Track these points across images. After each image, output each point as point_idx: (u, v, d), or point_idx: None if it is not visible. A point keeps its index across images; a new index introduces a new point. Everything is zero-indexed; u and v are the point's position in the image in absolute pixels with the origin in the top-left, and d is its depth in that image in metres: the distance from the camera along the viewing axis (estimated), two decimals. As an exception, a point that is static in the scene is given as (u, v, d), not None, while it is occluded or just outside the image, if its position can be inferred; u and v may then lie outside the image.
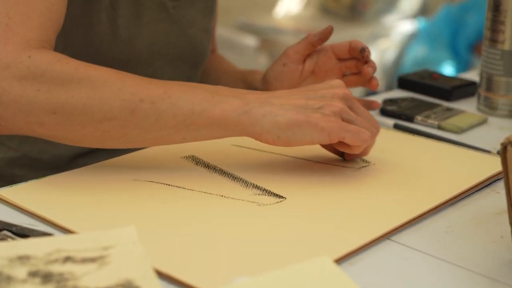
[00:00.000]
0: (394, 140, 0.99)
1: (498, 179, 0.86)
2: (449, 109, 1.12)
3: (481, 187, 0.85)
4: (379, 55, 3.13)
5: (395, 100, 1.14)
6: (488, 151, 0.95)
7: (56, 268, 0.63)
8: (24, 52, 0.79)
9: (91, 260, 0.64)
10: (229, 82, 1.11)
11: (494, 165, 0.87)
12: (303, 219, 0.76)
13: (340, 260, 0.68)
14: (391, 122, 1.06)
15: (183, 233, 0.72)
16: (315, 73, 1.02)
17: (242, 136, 0.81)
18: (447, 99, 1.19)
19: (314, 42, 0.99)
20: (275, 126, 0.79)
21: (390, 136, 1.01)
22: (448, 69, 3.07)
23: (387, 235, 0.73)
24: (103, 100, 0.78)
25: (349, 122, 0.81)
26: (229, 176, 0.84)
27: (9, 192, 0.79)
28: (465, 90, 1.22)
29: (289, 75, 1.00)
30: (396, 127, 1.04)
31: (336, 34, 1.03)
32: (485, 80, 1.13)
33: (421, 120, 1.08)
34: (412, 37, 3.23)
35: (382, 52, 3.19)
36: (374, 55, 1.10)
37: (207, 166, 0.87)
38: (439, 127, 1.06)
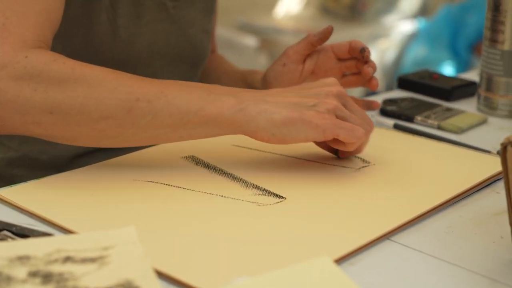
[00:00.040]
0: (394, 140, 0.99)
1: (498, 179, 0.86)
2: (449, 109, 1.12)
3: (481, 187, 0.85)
4: (379, 55, 3.13)
5: (395, 100, 1.14)
6: (488, 151, 0.95)
7: (56, 268, 0.63)
8: (21, 52, 0.79)
9: (91, 260, 0.64)
10: (229, 82, 1.11)
11: (494, 165, 0.87)
12: (303, 219, 0.76)
13: (340, 260, 0.68)
14: (391, 122, 1.06)
15: (183, 233, 0.72)
16: (315, 73, 1.02)
17: (237, 134, 0.81)
18: (447, 99, 1.19)
19: (314, 42, 0.99)
20: (270, 124, 0.79)
21: (390, 136, 1.01)
22: (448, 69, 3.07)
23: (387, 235, 0.73)
24: (99, 99, 0.78)
25: (343, 119, 0.82)
26: (229, 176, 0.84)
27: (9, 192, 0.79)
28: (465, 90, 1.22)
29: (289, 75, 1.00)
30: (396, 127, 1.04)
31: (336, 34, 1.03)
32: (485, 80, 1.13)
33: (421, 120, 1.08)
34: (412, 37, 3.23)
35: (382, 52, 3.19)
36: (374, 55, 1.10)
37: (207, 166, 0.87)
38: (439, 127, 1.06)
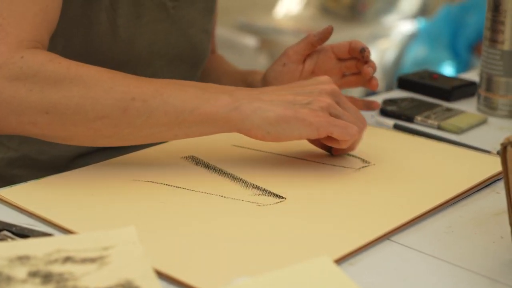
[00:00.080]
0: (394, 140, 0.99)
1: (498, 179, 0.86)
2: (449, 109, 1.12)
3: (481, 187, 0.85)
4: (379, 55, 3.13)
5: (395, 100, 1.14)
6: (488, 151, 0.95)
7: (56, 268, 0.63)
8: (16, 53, 0.79)
9: (91, 260, 0.64)
10: (229, 82, 1.11)
11: (494, 165, 0.87)
12: (303, 219, 0.76)
13: (340, 260, 0.68)
14: (391, 122, 1.06)
15: (183, 233, 0.72)
16: (315, 73, 1.02)
17: (232, 132, 0.82)
18: (447, 99, 1.19)
19: (314, 42, 0.99)
20: (265, 122, 0.80)
21: (390, 136, 1.01)
22: (448, 69, 3.06)
23: (387, 235, 0.73)
24: (95, 99, 0.78)
25: (336, 117, 0.82)
26: (229, 176, 0.84)
27: (9, 192, 0.79)
28: (465, 90, 1.21)
29: (289, 75, 1.00)
30: (396, 127, 1.04)
31: (336, 34, 1.03)
32: (485, 80, 1.13)
33: (421, 120, 1.08)
34: (412, 37, 3.23)
35: (382, 52, 3.19)
36: (374, 55, 1.10)
37: (207, 166, 0.87)
38: (439, 127, 1.06)
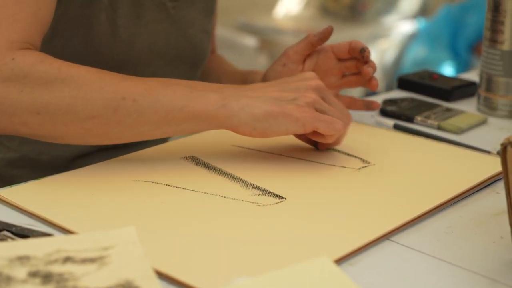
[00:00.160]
0: (394, 141, 0.99)
1: (498, 180, 0.86)
2: (449, 109, 1.12)
3: (481, 188, 0.85)
4: (379, 55, 3.13)
5: (395, 101, 1.14)
6: (488, 152, 0.95)
7: (56, 268, 0.63)
8: (7, 54, 0.80)
9: (91, 260, 0.64)
10: (229, 82, 1.11)
11: (494, 165, 0.87)
12: (303, 219, 0.76)
13: (340, 261, 0.68)
14: (391, 122, 1.06)
15: (183, 233, 0.72)
16: (314, 73, 1.02)
17: (220, 128, 0.83)
18: (447, 99, 1.19)
19: (314, 42, 0.99)
20: (252, 118, 0.81)
21: (390, 136, 1.01)
22: (448, 69, 3.07)
23: (387, 236, 0.73)
24: (86, 99, 0.79)
25: (322, 112, 0.84)
26: (229, 176, 0.84)
27: (9, 192, 0.79)
28: (465, 90, 1.22)
29: (289, 75, 1.00)
30: (396, 127, 1.04)
31: (336, 34, 1.03)
32: (485, 80, 1.13)
33: (421, 120, 1.08)
34: (412, 37, 3.23)
35: (382, 53, 3.19)
36: (374, 55, 1.10)
37: (207, 166, 0.87)
38: (439, 128, 1.06)
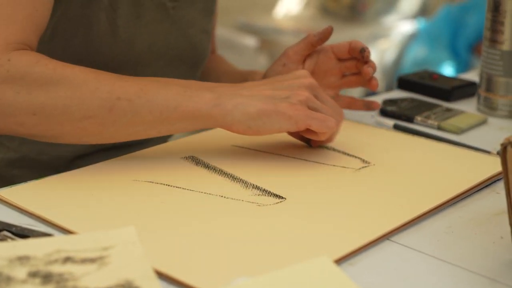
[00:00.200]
0: (394, 141, 0.99)
1: (498, 180, 0.86)
2: (449, 109, 1.12)
3: (481, 188, 0.85)
4: (379, 55, 3.13)
5: (395, 101, 1.14)
6: (488, 152, 0.95)
7: (56, 268, 0.63)
8: (3, 55, 0.80)
9: (91, 260, 0.64)
10: (229, 82, 1.11)
11: (494, 165, 0.87)
12: (303, 219, 0.76)
13: (340, 261, 0.68)
14: (391, 122, 1.06)
15: (183, 233, 0.72)
16: (315, 73, 1.02)
17: (214, 127, 0.84)
18: (447, 99, 1.19)
19: (314, 42, 0.99)
20: (246, 117, 0.82)
21: (390, 136, 1.01)
22: (448, 69, 3.07)
23: (387, 236, 0.73)
24: (81, 99, 0.80)
25: (315, 110, 0.85)
26: (229, 176, 0.84)
27: (8, 192, 0.79)
28: (465, 90, 1.22)
29: (289, 75, 1.00)
30: (396, 127, 1.04)
31: (336, 34, 1.03)
32: (485, 80, 1.13)
33: (421, 120, 1.08)
34: (412, 37, 3.23)
35: (382, 53, 3.19)
36: (374, 56, 1.10)
37: (207, 166, 0.87)
38: (439, 128, 1.06)
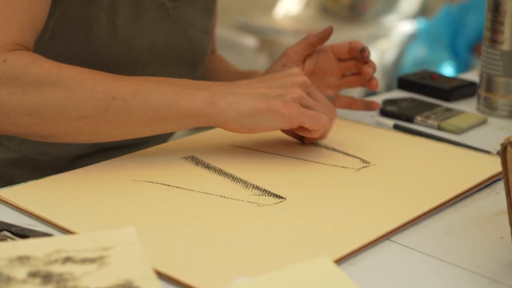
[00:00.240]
0: (394, 141, 0.99)
1: (498, 180, 0.86)
2: (449, 109, 1.12)
3: (481, 188, 0.85)
4: (379, 55, 3.13)
5: (395, 101, 1.14)
6: (488, 152, 0.95)
7: (56, 268, 0.63)
8: None
9: (91, 260, 0.64)
10: (229, 82, 1.11)
11: (494, 165, 0.87)
12: (303, 219, 0.76)
13: (340, 261, 0.68)
14: (391, 122, 1.06)
15: (183, 233, 0.72)
16: (314, 73, 1.02)
17: (208, 125, 0.84)
18: (447, 99, 1.19)
19: (314, 42, 0.99)
20: (239, 115, 0.83)
21: (390, 136, 1.01)
22: (448, 69, 3.07)
23: (387, 236, 0.73)
24: (77, 100, 0.80)
25: (308, 108, 0.85)
26: (229, 176, 0.84)
27: (8, 192, 0.79)
28: (465, 90, 1.22)
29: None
30: (396, 127, 1.04)
31: (336, 34, 1.03)
32: (485, 80, 1.13)
33: (421, 120, 1.08)
34: (412, 37, 3.23)
35: (382, 53, 3.19)
36: (374, 56, 1.10)
37: (207, 166, 0.87)
38: (439, 128, 1.06)
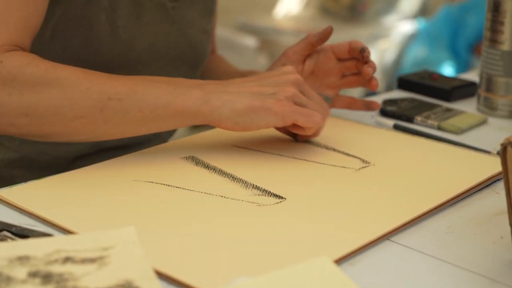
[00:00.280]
0: (394, 141, 0.99)
1: (498, 180, 0.86)
2: (449, 109, 1.12)
3: (481, 188, 0.85)
4: (379, 55, 3.13)
5: (395, 101, 1.14)
6: (488, 152, 0.95)
7: (56, 268, 0.63)
8: None
9: (91, 260, 0.64)
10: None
11: (494, 165, 0.87)
12: (303, 219, 0.76)
13: (340, 261, 0.68)
14: (391, 122, 1.06)
15: (183, 233, 0.72)
16: (314, 73, 1.02)
17: (203, 123, 0.85)
18: (447, 99, 1.19)
19: (314, 42, 0.99)
20: (234, 113, 0.83)
21: (390, 136, 1.01)
22: (448, 69, 3.07)
23: (387, 236, 0.73)
24: (73, 100, 0.81)
25: (301, 105, 0.86)
26: (229, 176, 0.84)
27: (8, 192, 0.79)
28: (465, 90, 1.22)
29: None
30: (396, 127, 1.04)
31: (336, 34, 1.03)
32: (485, 80, 1.13)
33: (421, 120, 1.08)
34: (412, 37, 3.23)
35: (382, 53, 3.19)
36: (374, 56, 1.10)
37: (207, 166, 0.87)
38: (439, 128, 1.06)
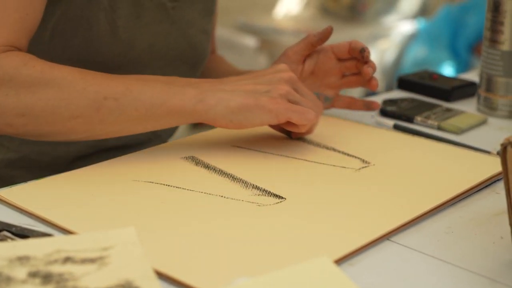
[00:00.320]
0: (394, 141, 0.99)
1: (498, 180, 0.86)
2: (449, 109, 1.12)
3: (481, 188, 0.85)
4: (379, 55, 3.13)
5: (395, 101, 1.14)
6: (488, 152, 0.95)
7: (56, 268, 0.63)
8: None
9: (91, 260, 0.64)
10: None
11: (494, 165, 0.87)
12: (303, 219, 0.76)
13: (340, 261, 0.68)
14: (391, 122, 1.06)
15: (183, 233, 0.72)
16: (314, 73, 1.02)
17: (198, 122, 0.86)
18: (447, 99, 1.19)
19: (314, 42, 0.99)
20: (228, 111, 0.84)
21: (390, 136, 1.01)
22: (448, 69, 3.07)
23: (387, 236, 0.73)
24: (69, 100, 0.82)
25: (295, 103, 0.87)
26: (229, 176, 0.84)
27: (8, 192, 0.79)
28: (465, 90, 1.22)
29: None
30: (396, 127, 1.04)
31: (336, 34, 1.03)
32: (485, 80, 1.13)
33: (421, 120, 1.08)
34: (412, 37, 3.23)
35: (382, 53, 3.19)
36: (374, 56, 1.10)
37: (207, 166, 0.87)
38: (439, 128, 1.06)
